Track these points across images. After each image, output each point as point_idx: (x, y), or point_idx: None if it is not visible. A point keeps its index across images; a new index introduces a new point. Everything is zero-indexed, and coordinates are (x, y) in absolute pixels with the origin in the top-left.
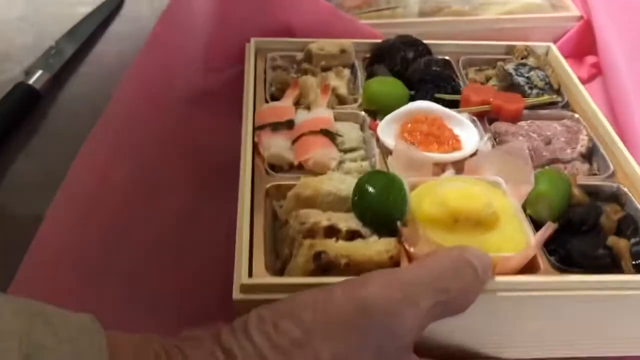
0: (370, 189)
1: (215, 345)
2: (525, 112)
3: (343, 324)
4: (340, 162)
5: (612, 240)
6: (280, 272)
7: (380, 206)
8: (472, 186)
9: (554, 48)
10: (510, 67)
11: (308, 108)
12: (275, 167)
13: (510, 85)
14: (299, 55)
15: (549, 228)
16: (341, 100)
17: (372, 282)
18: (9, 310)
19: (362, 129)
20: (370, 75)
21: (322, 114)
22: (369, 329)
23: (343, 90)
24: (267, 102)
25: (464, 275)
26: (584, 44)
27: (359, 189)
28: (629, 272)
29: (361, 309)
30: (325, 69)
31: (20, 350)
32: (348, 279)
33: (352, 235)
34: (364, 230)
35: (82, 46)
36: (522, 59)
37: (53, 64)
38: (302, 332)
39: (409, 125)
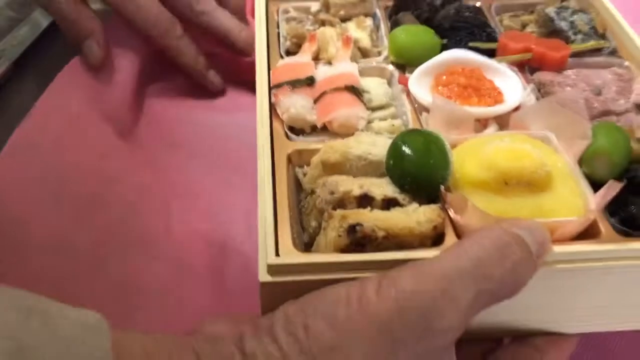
0: (408, 151)
1: (236, 349)
2: (570, 60)
3: (377, 326)
4: (369, 122)
5: None
6: (308, 248)
7: (420, 170)
8: (520, 144)
9: None
10: (551, 10)
11: (329, 63)
12: (296, 130)
13: (552, 32)
14: (315, 6)
15: (611, 187)
16: (365, 54)
17: (406, 276)
18: (1, 303)
19: (390, 84)
20: (395, 24)
21: (345, 68)
22: (404, 331)
23: (366, 42)
24: (282, 58)
25: (511, 255)
26: None
27: (395, 151)
28: None
29: (396, 309)
30: (345, 20)
31: (10, 349)
32: (381, 274)
33: (389, 203)
34: (402, 197)
35: None
36: (562, 1)
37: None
38: (335, 334)
39: (444, 77)
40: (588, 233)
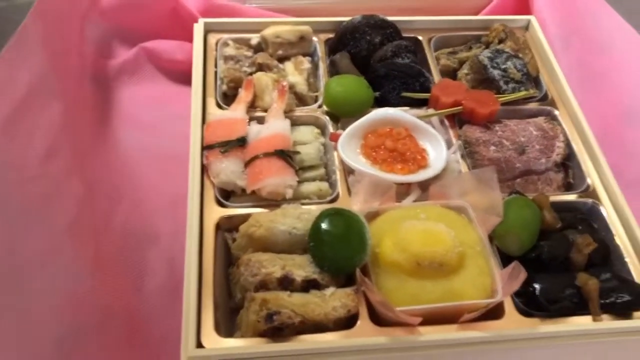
0: (327, 237)
1: None
2: (501, 108)
3: None
4: (299, 183)
5: (581, 279)
6: (235, 313)
7: (338, 254)
8: (434, 226)
9: (535, 22)
10: (485, 57)
11: (264, 111)
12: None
13: (485, 79)
14: (254, 39)
15: (516, 275)
16: (301, 99)
17: None
18: None
19: (324, 133)
20: (332, 65)
21: (278, 128)
22: None
23: (302, 87)
24: (217, 104)
25: None
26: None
27: (315, 234)
28: (596, 314)
29: None
30: (283, 59)
31: None
32: None
33: (309, 284)
34: (321, 277)
35: None
36: (499, 42)
37: None
38: None
39: (372, 138)
40: (492, 312)
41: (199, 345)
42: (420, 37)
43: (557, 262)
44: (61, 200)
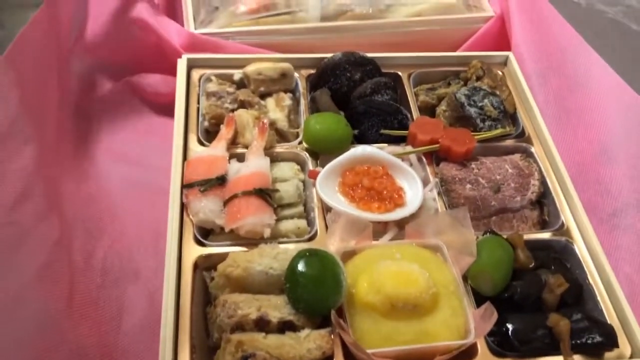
0: (302, 279)
1: None
2: (477, 145)
3: None
4: (277, 220)
5: (553, 319)
6: (213, 352)
7: (313, 296)
8: (408, 266)
9: (513, 59)
10: (462, 95)
11: (245, 147)
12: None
13: (461, 117)
14: (237, 75)
15: (488, 316)
16: (282, 136)
17: None
18: None
19: (303, 169)
20: (312, 101)
21: (257, 166)
22: None
23: (283, 123)
24: (199, 140)
25: None
26: (496, 41)
27: (291, 276)
28: (567, 355)
29: None
30: (265, 95)
31: None
32: None
33: (284, 325)
34: (297, 318)
35: None
36: (477, 79)
37: None
38: None
39: (350, 176)
40: (465, 353)
41: None
42: (400, 73)
43: (529, 302)
44: (30, 245)
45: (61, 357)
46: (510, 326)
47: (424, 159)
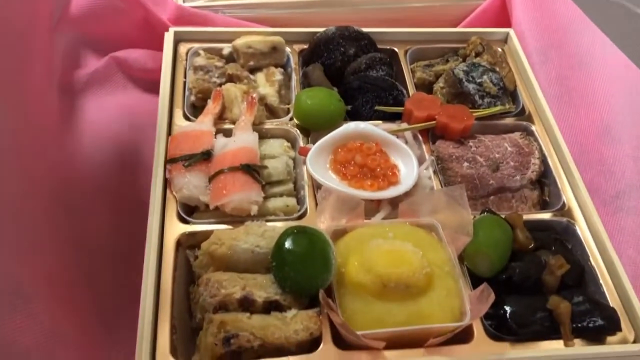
0: (290, 257)
1: None
2: (475, 122)
3: None
4: (265, 198)
5: (553, 302)
6: (196, 333)
7: (301, 275)
8: (401, 245)
9: (514, 35)
10: (460, 70)
11: (233, 122)
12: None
13: (460, 93)
14: (226, 49)
15: (485, 297)
16: (272, 111)
17: None
18: None
19: (293, 147)
20: (304, 77)
21: (244, 142)
22: None
23: (273, 98)
24: (185, 115)
25: None
26: (497, 18)
27: (278, 254)
28: (568, 339)
29: None
30: (254, 70)
31: None
32: None
33: (270, 305)
34: (283, 298)
35: None
36: (476, 55)
37: None
38: None
39: (342, 153)
40: (461, 336)
41: None
42: (396, 49)
43: (528, 284)
44: (5, 225)
45: (35, 333)
46: (508, 308)
47: (420, 137)
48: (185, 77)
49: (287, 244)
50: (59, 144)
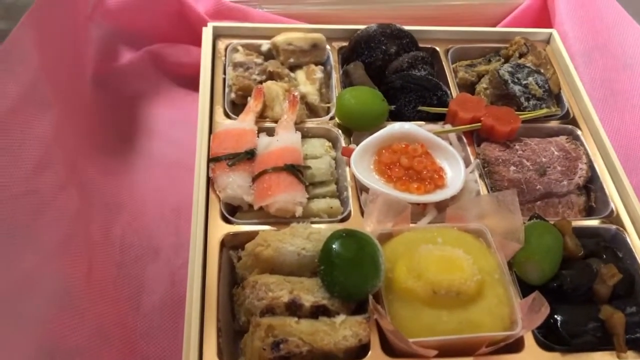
0: (338, 261)
1: None
2: (521, 125)
3: None
4: (309, 199)
5: (605, 312)
6: (239, 336)
7: (350, 279)
8: (452, 252)
9: (557, 36)
10: (505, 71)
11: (274, 121)
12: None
13: (505, 95)
14: (265, 45)
15: (542, 311)
16: (312, 110)
17: None
18: None
19: (334, 147)
20: (345, 75)
21: (288, 141)
22: None
23: (314, 97)
24: (225, 112)
25: None
26: (538, 18)
27: (326, 257)
28: (621, 350)
29: None
30: (294, 67)
31: None
32: None
33: (317, 309)
34: (331, 303)
35: None
36: (520, 56)
37: None
38: None
39: (387, 154)
40: (511, 345)
41: None
42: (437, 48)
43: (579, 293)
44: (51, 216)
45: (81, 338)
46: (559, 318)
47: (464, 139)
48: (224, 73)
49: (336, 248)
50: (92, 140)
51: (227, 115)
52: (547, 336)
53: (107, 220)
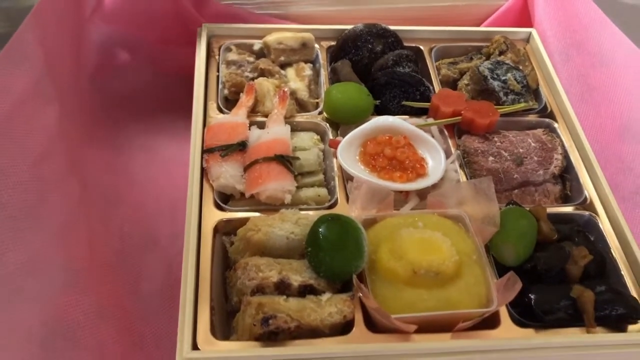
0: (324, 243)
1: None
2: (500, 119)
3: None
4: (297, 188)
5: (576, 290)
6: (232, 316)
7: (335, 260)
8: (431, 234)
9: (536, 35)
10: (485, 68)
11: (265, 115)
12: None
13: (484, 90)
14: (257, 45)
15: (511, 285)
16: (302, 105)
17: None
18: None
19: (323, 140)
20: (333, 72)
21: (278, 133)
22: None
23: (303, 94)
24: (219, 107)
25: None
26: (519, 18)
27: (312, 240)
28: (591, 326)
29: None
30: (285, 65)
31: None
32: None
33: (305, 289)
34: (318, 283)
35: None
36: (500, 53)
37: None
38: None
39: (371, 146)
40: (487, 322)
41: (195, 347)
42: (421, 47)
43: (552, 274)
44: (52, 202)
45: (80, 314)
46: (533, 296)
47: (446, 132)
48: (218, 71)
49: (322, 231)
50: (92, 136)
51: (221, 110)
52: (522, 314)
53: (107, 212)
